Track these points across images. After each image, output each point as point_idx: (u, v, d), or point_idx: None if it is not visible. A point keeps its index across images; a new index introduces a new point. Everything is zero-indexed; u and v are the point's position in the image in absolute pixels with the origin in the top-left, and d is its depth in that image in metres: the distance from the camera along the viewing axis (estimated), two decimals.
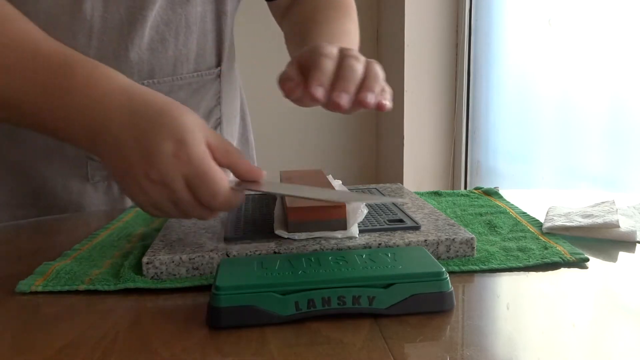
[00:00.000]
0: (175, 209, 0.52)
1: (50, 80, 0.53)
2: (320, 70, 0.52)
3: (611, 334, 0.40)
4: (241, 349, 0.38)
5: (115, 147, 0.51)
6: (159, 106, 0.52)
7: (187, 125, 0.50)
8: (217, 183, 0.50)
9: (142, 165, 0.50)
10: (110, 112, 0.52)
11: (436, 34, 2.03)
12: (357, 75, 0.53)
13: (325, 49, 0.55)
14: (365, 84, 0.53)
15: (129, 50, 0.74)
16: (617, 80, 1.31)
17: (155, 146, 0.49)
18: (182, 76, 0.80)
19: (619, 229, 0.57)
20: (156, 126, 0.50)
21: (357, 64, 0.53)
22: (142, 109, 0.52)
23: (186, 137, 0.50)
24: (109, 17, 0.71)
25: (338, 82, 0.52)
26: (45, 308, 0.45)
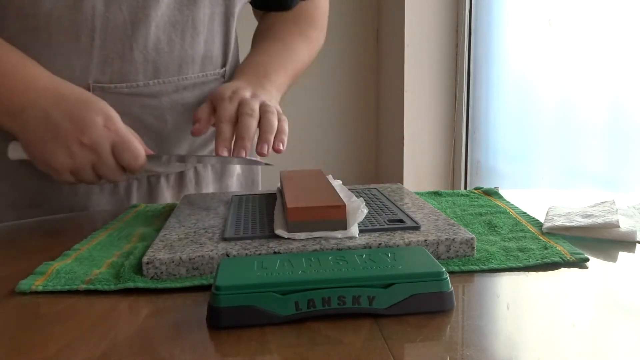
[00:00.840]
0: (92, 173, 0.66)
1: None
2: (221, 136, 0.67)
3: (611, 334, 0.40)
4: (241, 349, 0.38)
5: (41, 118, 0.64)
6: (82, 91, 0.68)
7: (110, 107, 0.66)
8: (138, 149, 0.66)
9: (75, 132, 0.63)
10: (38, 92, 0.66)
11: (436, 34, 2.03)
12: (251, 133, 0.67)
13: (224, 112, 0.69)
14: (261, 137, 0.67)
15: (133, 50, 0.74)
16: (617, 80, 1.31)
17: (87, 118, 0.64)
18: (188, 76, 0.80)
19: (619, 229, 0.57)
20: (86, 105, 0.65)
21: (251, 121, 0.68)
22: (68, 92, 0.67)
23: (112, 115, 0.66)
24: (110, 17, 0.71)
25: (237, 141, 0.67)
26: (45, 308, 0.45)
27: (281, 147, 0.68)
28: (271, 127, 0.68)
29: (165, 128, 0.81)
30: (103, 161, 0.65)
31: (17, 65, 0.68)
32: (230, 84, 0.75)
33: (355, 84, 2.38)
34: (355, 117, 2.41)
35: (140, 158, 0.66)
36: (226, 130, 0.68)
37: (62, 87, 0.67)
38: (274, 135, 0.68)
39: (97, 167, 0.66)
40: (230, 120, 0.68)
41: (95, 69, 0.73)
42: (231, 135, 0.68)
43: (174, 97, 0.79)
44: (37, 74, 0.68)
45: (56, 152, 0.64)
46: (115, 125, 0.65)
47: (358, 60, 2.36)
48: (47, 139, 0.64)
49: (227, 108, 0.69)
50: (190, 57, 0.79)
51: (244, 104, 0.69)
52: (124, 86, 0.75)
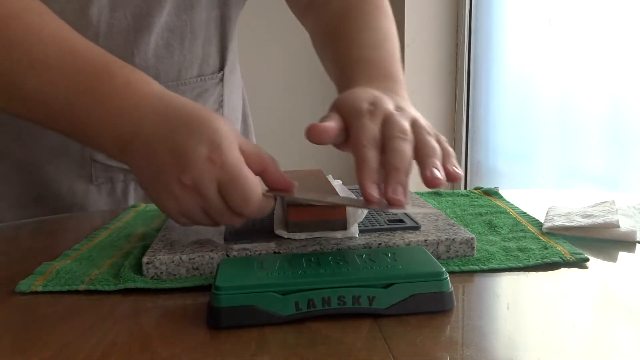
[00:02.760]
0: (205, 216, 0.51)
1: (89, 82, 0.52)
2: (366, 166, 0.49)
3: (611, 334, 0.40)
4: (241, 349, 0.38)
5: (145, 152, 0.50)
6: (192, 112, 0.51)
7: (221, 131, 0.49)
8: (249, 189, 0.49)
9: (175, 169, 0.49)
10: (143, 118, 0.51)
11: (436, 34, 2.03)
12: (407, 162, 0.49)
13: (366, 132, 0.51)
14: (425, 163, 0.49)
15: (134, 56, 0.74)
16: (617, 81, 1.31)
17: (189, 150, 0.48)
18: (186, 81, 0.80)
19: (619, 229, 0.57)
20: (190, 131, 0.49)
21: (406, 146, 0.49)
22: (175, 114, 0.51)
23: (220, 142, 0.49)
24: (115, 23, 0.71)
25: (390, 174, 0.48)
26: (45, 308, 0.45)
27: (458, 171, 0.50)
28: (434, 151, 0.51)
29: None
30: (209, 204, 0.50)
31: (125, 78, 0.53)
32: (362, 92, 0.56)
33: None
34: None
35: (251, 201, 0.49)
36: (372, 157, 0.50)
37: (170, 108, 0.52)
38: (440, 159, 0.50)
39: (206, 210, 0.51)
40: (376, 145, 0.50)
41: None
42: (378, 164, 0.50)
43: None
44: (145, 92, 0.53)
45: (160, 195, 0.50)
46: (222, 157, 0.48)
47: None
48: (151, 177, 0.51)
49: (370, 127, 0.51)
50: (188, 61, 0.79)
51: (392, 123, 0.51)
52: None
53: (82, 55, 0.54)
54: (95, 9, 0.70)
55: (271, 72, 2.37)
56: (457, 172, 0.50)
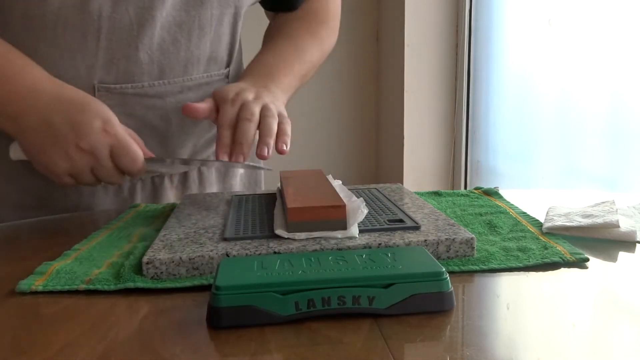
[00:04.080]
0: (91, 176, 0.67)
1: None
2: (221, 141, 0.67)
3: (611, 334, 0.40)
4: (241, 349, 0.38)
5: (41, 123, 0.65)
6: (82, 94, 0.68)
7: (109, 111, 0.66)
8: (137, 152, 0.66)
9: (73, 136, 0.64)
10: (37, 95, 0.66)
11: (436, 34, 2.03)
12: (248, 138, 0.67)
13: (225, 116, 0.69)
14: (260, 140, 0.67)
15: (139, 51, 0.74)
16: (617, 80, 1.31)
17: (86, 122, 0.64)
18: (193, 77, 0.80)
19: (619, 229, 0.57)
20: (84, 108, 0.65)
21: (249, 125, 0.67)
22: (68, 94, 0.67)
23: (111, 118, 0.66)
24: (117, 17, 0.71)
25: (235, 147, 0.67)
26: (45, 308, 0.45)
27: (284, 148, 0.68)
28: (270, 130, 0.67)
29: (169, 128, 0.81)
30: (102, 165, 0.65)
31: (18, 68, 0.67)
32: (234, 85, 0.74)
33: (355, 84, 2.38)
34: (355, 117, 2.41)
35: (138, 162, 0.66)
36: (226, 135, 0.68)
37: (62, 91, 0.67)
38: (273, 138, 0.67)
39: (96, 171, 0.66)
40: (230, 125, 0.68)
41: (101, 69, 0.73)
42: (230, 140, 0.67)
43: (179, 97, 0.79)
44: (38, 77, 0.68)
45: (55, 157, 0.65)
46: (114, 129, 0.65)
47: (358, 60, 2.36)
48: (46, 144, 0.65)
49: (228, 112, 0.69)
50: (195, 57, 0.79)
51: (244, 108, 0.69)
52: (129, 87, 0.75)
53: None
54: (96, 4, 0.70)
55: None
56: (283, 149, 0.67)
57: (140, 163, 0.66)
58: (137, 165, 0.66)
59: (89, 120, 0.64)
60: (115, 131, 0.65)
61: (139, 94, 0.76)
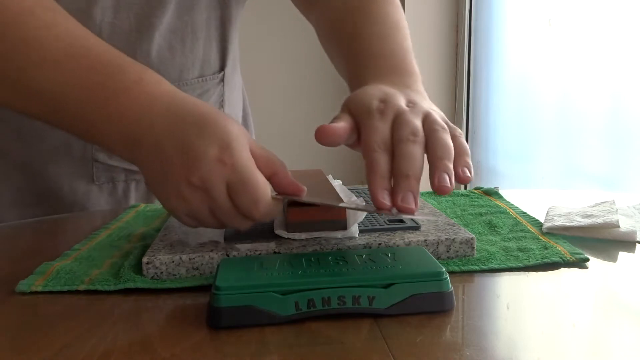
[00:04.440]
0: (212, 218, 0.50)
1: (100, 80, 0.52)
2: (376, 171, 0.48)
3: (611, 334, 0.40)
4: (241, 349, 0.38)
5: (155, 152, 0.49)
6: (203, 112, 0.50)
7: (233, 132, 0.49)
8: (259, 190, 0.48)
9: (184, 169, 0.48)
10: (154, 117, 0.50)
11: (436, 34, 2.03)
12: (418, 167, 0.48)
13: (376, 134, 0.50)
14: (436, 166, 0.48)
15: (136, 57, 0.73)
16: (617, 80, 1.31)
17: (199, 150, 0.48)
18: (188, 81, 0.80)
19: (619, 229, 0.57)
20: (201, 131, 0.49)
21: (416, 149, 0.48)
22: (186, 114, 0.50)
23: (231, 143, 0.48)
24: (118, 24, 0.71)
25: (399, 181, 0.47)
26: (45, 308, 0.45)
27: (468, 174, 0.49)
28: (447, 150, 0.49)
29: None
30: (217, 205, 0.49)
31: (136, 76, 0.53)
32: (372, 89, 0.55)
33: None
34: None
35: (260, 203, 0.48)
36: (382, 161, 0.48)
37: (182, 108, 0.51)
38: (452, 160, 0.49)
39: (214, 212, 0.50)
40: (386, 148, 0.49)
41: None
42: (389, 168, 0.48)
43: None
44: (157, 91, 0.52)
45: (168, 195, 0.50)
46: (233, 158, 0.48)
47: None
48: (159, 177, 0.50)
49: (380, 129, 0.50)
50: (190, 62, 0.79)
51: (402, 124, 0.50)
52: None
53: (95, 53, 0.53)
54: (99, 9, 0.70)
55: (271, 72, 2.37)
56: (467, 176, 0.49)
57: (264, 206, 0.49)
58: (259, 208, 0.49)
59: (204, 146, 0.48)
60: (233, 160, 0.48)
61: None
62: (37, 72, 0.52)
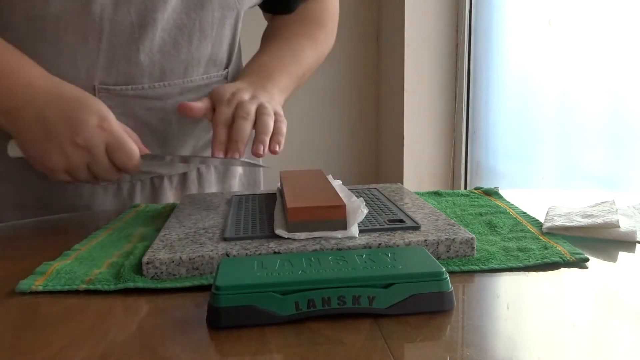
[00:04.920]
0: (87, 172, 0.67)
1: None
2: (216, 139, 0.69)
3: (611, 334, 0.40)
4: (241, 349, 0.38)
5: (37, 119, 0.65)
6: (79, 91, 0.68)
7: (106, 108, 0.67)
8: (133, 149, 0.66)
9: (69, 133, 0.64)
10: (37, 91, 0.66)
11: (436, 34, 2.03)
12: (244, 136, 0.68)
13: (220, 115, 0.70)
14: (256, 138, 0.68)
15: (139, 53, 0.74)
16: (617, 80, 1.31)
17: (82, 118, 0.65)
18: (193, 79, 0.80)
19: (619, 229, 0.57)
20: (81, 104, 0.66)
21: (245, 123, 0.68)
22: (64, 92, 0.67)
23: (107, 115, 0.66)
24: (118, 20, 0.71)
25: (230, 144, 0.68)
26: (45, 308, 0.45)
27: (277, 148, 0.69)
28: (266, 129, 0.69)
29: (169, 130, 0.81)
30: (97, 161, 0.65)
31: (15, 65, 0.68)
32: (231, 85, 0.75)
33: (355, 84, 2.38)
34: (355, 117, 2.40)
35: (134, 158, 0.66)
36: (221, 133, 0.69)
37: (59, 88, 0.67)
38: (269, 136, 0.68)
39: (91, 167, 0.67)
40: (225, 124, 0.69)
41: (101, 71, 0.73)
42: (226, 137, 0.69)
43: (179, 99, 0.79)
44: (35, 74, 0.68)
45: (50, 152, 0.65)
46: (110, 126, 0.65)
47: (358, 60, 2.36)
48: (41, 139, 0.65)
49: (224, 111, 0.70)
50: (196, 60, 0.79)
51: (240, 107, 0.70)
52: (130, 88, 0.75)
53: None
54: (98, 6, 0.70)
55: None
56: (275, 149, 0.69)
57: (136, 159, 0.67)
58: (133, 162, 0.66)
59: (85, 116, 0.65)
60: (111, 127, 0.65)
61: (139, 95, 0.76)
62: None
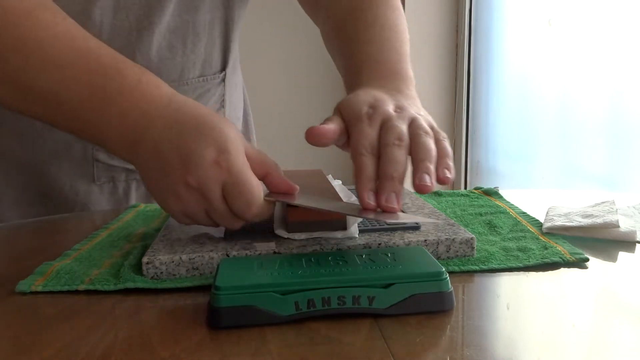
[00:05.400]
0: (207, 218, 0.52)
1: (100, 82, 0.53)
2: (363, 174, 0.51)
3: (611, 334, 0.40)
4: (241, 349, 0.38)
5: (153, 153, 0.51)
6: (201, 116, 0.52)
7: (229, 136, 0.51)
8: (253, 194, 0.50)
9: (182, 170, 0.50)
10: (153, 120, 0.52)
11: (436, 34, 2.03)
12: (401, 170, 0.51)
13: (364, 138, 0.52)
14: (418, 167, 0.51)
15: (136, 57, 0.74)
16: (617, 80, 1.31)
17: (196, 152, 0.50)
18: (188, 81, 0.80)
19: (619, 229, 0.57)
20: (198, 134, 0.51)
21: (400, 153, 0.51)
22: (185, 117, 0.52)
23: (228, 147, 0.50)
24: (117, 24, 0.71)
25: (384, 183, 0.50)
26: (45, 308, 0.45)
27: (448, 175, 0.51)
28: (428, 153, 0.52)
29: None
30: (212, 206, 0.51)
31: (135, 78, 0.54)
32: (363, 94, 0.58)
33: None
34: None
35: (253, 206, 0.51)
36: (368, 164, 0.51)
37: (180, 111, 0.53)
38: (434, 162, 0.51)
39: (209, 213, 0.52)
40: (373, 152, 0.52)
41: None
42: (375, 170, 0.51)
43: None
44: (156, 93, 0.54)
45: (166, 195, 0.52)
46: (229, 162, 0.50)
47: None
48: (157, 178, 0.52)
49: (368, 133, 0.53)
50: (191, 62, 0.79)
51: (389, 129, 0.53)
52: None
53: (95, 55, 0.54)
54: (98, 10, 0.70)
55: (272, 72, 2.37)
56: (447, 177, 0.51)
57: (257, 208, 0.51)
58: (251, 210, 0.51)
59: (201, 149, 0.50)
60: (230, 164, 0.50)
61: None
62: (38, 74, 0.53)
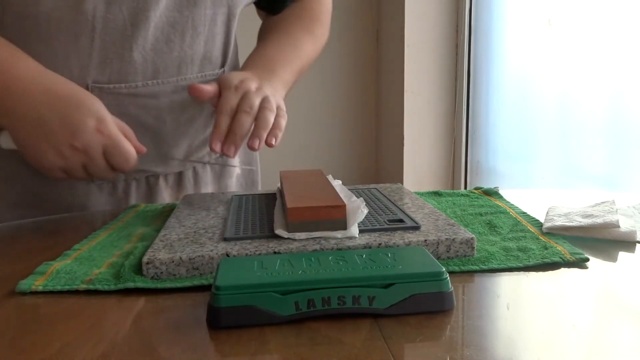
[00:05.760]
0: (84, 172, 0.69)
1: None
2: (218, 128, 0.69)
3: (611, 334, 0.40)
4: (241, 349, 0.38)
5: (34, 119, 0.65)
6: (75, 89, 0.68)
7: (103, 108, 0.68)
8: (130, 151, 0.68)
9: (67, 135, 0.65)
10: (31, 90, 0.66)
11: (436, 34, 2.03)
12: (244, 130, 0.69)
13: (226, 102, 0.70)
14: (254, 132, 0.69)
15: (132, 51, 0.74)
16: (617, 80, 1.31)
17: (80, 121, 0.66)
18: (187, 77, 0.80)
19: (619, 229, 0.57)
20: (77, 105, 0.66)
21: (247, 118, 0.69)
22: (61, 91, 0.67)
23: (105, 116, 0.67)
24: (111, 18, 0.71)
25: (228, 136, 0.69)
26: (45, 308, 0.45)
27: (273, 142, 0.69)
28: (266, 123, 0.69)
29: (163, 128, 0.81)
30: (94, 163, 0.67)
31: (9, 60, 0.68)
32: (238, 73, 0.76)
33: (355, 84, 2.38)
34: (355, 117, 2.40)
35: (130, 160, 0.69)
36: (224, 122, 0.69)
37: (55, 86, 0.67)
38: (267, 131, 0.69)
39: (88, 168, 0.68)
40: (229, 113, 0.70)
41: (94, 69, 0.73)
42: (227, 128, 0.69)
43: (173, 97, 0.79)
44: (30, 70, 0.68)
45: (47, 152, 0.66)
46: (107, 128, 0.67)
47: (358, 60, 2.36)
48: (38, 139, 0.66)
49: (230, 99, 0.71)
50: (189, 57, 0.79)
51: (245, 99, 0.70)
52: (123, 87, 0.75)
53: None
54: (90, 4, 0.70)
55: None
56: (271, 143, 0.69)
57: (132, 161, 0.69)
58: (129, 164, 0.69)
59: (83, 118, 0.66)
60: (108, 131, 0.67)
61: (132, 93, 0.76)
62: None
